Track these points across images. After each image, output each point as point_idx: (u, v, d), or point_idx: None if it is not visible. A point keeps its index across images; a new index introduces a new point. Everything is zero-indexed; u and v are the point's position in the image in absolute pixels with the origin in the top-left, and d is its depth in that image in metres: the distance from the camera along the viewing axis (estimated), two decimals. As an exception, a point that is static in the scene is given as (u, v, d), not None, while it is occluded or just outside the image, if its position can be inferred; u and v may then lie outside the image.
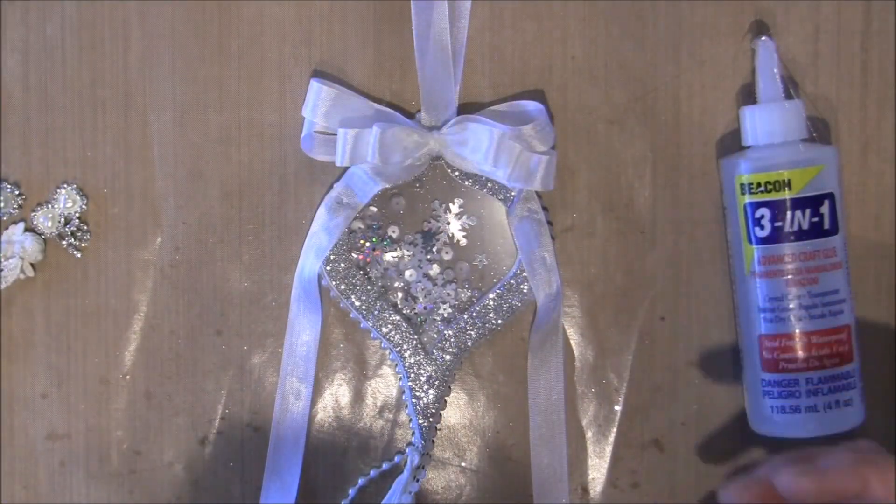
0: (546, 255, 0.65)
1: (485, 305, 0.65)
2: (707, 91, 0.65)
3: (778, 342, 0.61)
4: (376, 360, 0.67)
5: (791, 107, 0.61)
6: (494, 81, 0.65)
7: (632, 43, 0.65)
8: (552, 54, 0.65)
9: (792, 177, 0.60)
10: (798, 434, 0.62)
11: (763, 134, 0.62)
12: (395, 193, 0.65)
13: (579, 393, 0.66)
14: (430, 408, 0.65)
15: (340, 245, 0.65)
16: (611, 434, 0.66)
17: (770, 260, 0.61)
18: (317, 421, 0.67)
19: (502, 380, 0.66)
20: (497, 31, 0.65)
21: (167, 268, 0.66)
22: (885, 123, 0.65)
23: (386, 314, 0.65)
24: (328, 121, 0.64)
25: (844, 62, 0.65)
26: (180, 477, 0.67)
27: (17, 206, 0.66)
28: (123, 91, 0.66)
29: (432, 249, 0.66)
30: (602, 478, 0.66)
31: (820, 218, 0.61)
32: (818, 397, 0.61)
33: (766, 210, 0.61)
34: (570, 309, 0.66)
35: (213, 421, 0.67)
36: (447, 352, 0.65)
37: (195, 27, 0.66)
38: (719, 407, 0.66)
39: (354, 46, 0.66)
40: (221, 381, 0.67)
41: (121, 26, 0.66)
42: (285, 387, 0.66)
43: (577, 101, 0.65)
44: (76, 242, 0.66)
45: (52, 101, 0.66)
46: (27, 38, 0.66)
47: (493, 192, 0.65)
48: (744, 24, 0.64)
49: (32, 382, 0.67)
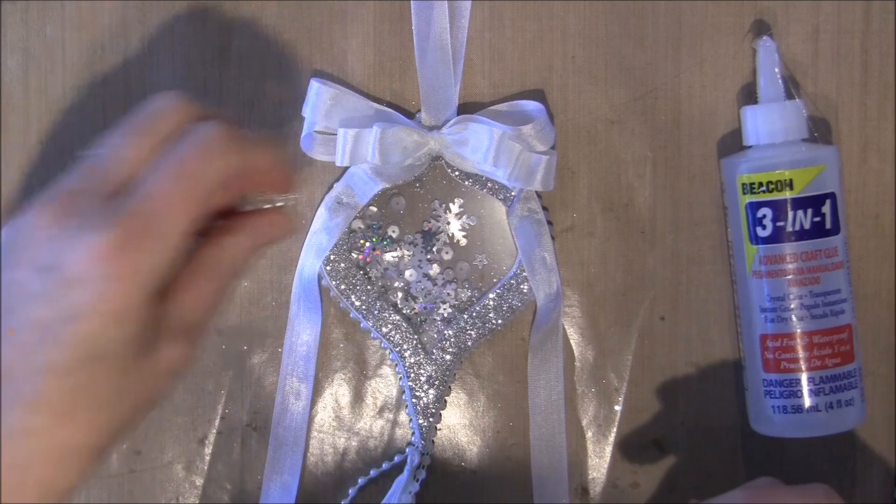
0: (546, 255, 0.65)
1: (485, 305, 0.65)
2: (707, 91, 0.65)
3: (780, 342, 0.61)
4: (376, 360, 0.67)
5: (792, 106, 0.62)
6: (494, 81, 0.65)
7: (632, 43, 0.65)
8: (552, 54, 0.65)
9: (793, 176, 0.60)
10: (799, 434, 0.62)
11: (764, 134, 0.62)
12: (395, 193, 0.65)
13: (579, 393, 0.66)
14: (430, 408, 0.65)
15: (340, 245, 0.65)
16: (611, 434, 0.66)
17: (772, 260, 0.61)
18: (317, 421, 0.67)
19: (502, 380, 0.66)
20: (497, 31, 0.65)
21: (167, 268, 0.66)
22: (885, 123, 0.65)
23: (386, 314, 0.65)
24: (328, 121, 0.64)
25: (844, 62, 0.65)
26: (180, 477, 0.67)
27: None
28: (123, 91, 0.66)
29: (432, 249, 0.66)
30: (602, 478, 0.66)
31: (821, 218, 0.61)
32: (820, 397, 0.61)
33: (767, 210, 0.61)
34: (570, 309, 0.66)
35: (213, 421, 0.67)
36: (447, 352, 0.65)
37: (195, 27, 0.66)
38: (719, 407, 0.66)
39: (354, 46, 0.66)
40: (221, 381, 0.67)
41: (121, 26, 0.66)
42: (285, 387, 0.66)
43: (577, 101, 0.65)
44: (76, 242, 0.66)
45: (52, 101, 0.66)
46: (27, 38, 0.66)
47: (493, 192, 0.65)
48: (744, 24, 0.65)
49: (32, 382, 0.67)
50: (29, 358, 0.45)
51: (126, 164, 0.47)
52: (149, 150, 0.48)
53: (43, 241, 0.45)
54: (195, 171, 0.47)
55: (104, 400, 0.46)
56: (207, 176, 0.48)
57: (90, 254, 0.44)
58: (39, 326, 0.45)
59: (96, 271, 0.44)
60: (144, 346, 0.47)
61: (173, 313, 0.48)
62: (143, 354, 0.47)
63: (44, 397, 0.45)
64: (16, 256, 0.46)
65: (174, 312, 0.48)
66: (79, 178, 0.47)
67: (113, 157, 0.48)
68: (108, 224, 0.45)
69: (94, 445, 0.47)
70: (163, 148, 0.48)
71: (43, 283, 0.45)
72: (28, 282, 0.45)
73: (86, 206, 0.46)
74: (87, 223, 0.45)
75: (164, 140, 0.48)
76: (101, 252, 0.44)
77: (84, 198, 0.46)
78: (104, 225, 0.45)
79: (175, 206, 0.46)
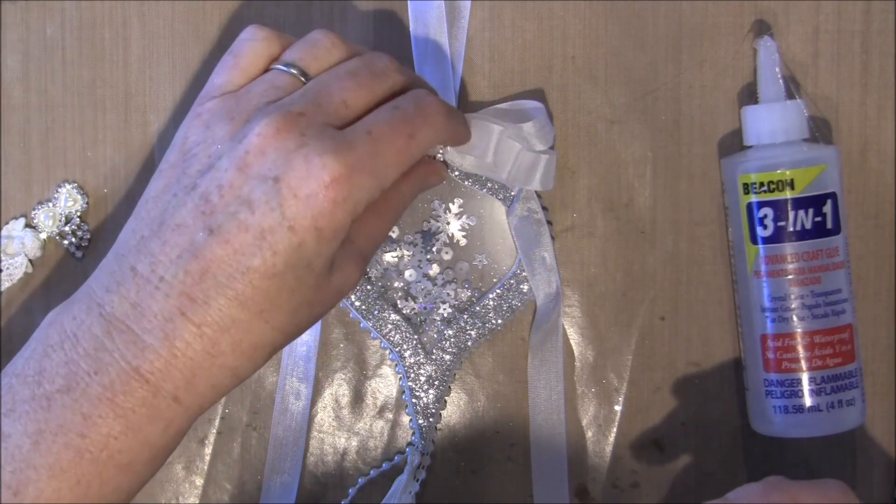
0: (546, 255, 0.65)
1: (485, 305, 0.65)
2: (707, 91, 0.65)
3: (781, 342, 0.61)
4: (376, 360, 0.67)
5: (793, 106, 0.62)
6: (494, 81, 0.65)
7: (632, 43, 0.65)
8: (552, 54, 0.65)
9: (795, 176, 0.60)
10: (800, 434, 0.62)
11: (765, 133, 0.62)
12: (395, 193, 0.65)
13: (579, 393, 0.66)
14: (430, 408, 0.65)
15: (340, 245, 0.65)
16: (611, 434, 0.66)
17: (773, 260, 0.61)
18: (317, 421, 0.67)
19: (502, 380, 0.66)
20: (497, 31, 0.65)
21: (167, 268, 0.66)
22: (885, 123, 0.65)
23: (386, 314, 0.65)
24: (328, 121, 0.64)
25: (844, 62, 0.65)
26: (180, 477, 0.67)
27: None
28: (123, 91, 0.66)
29: (432, 249, 0.66)
30: (602, 478, 0.66)
31: (822, 217, 0.61)
32: (821, 397, 0.61)
33: (769, 210, 0.61)
34: (570, 309, 0.66)
35: (213, 421, 0.67)
36: (447, 352, 0.65)
37: (195, 27, 0.66)
38: (719, 407, 0.66)
39: (354, 46, 0.66)
40: (221, 382, 0.67)
41: (121, 26, 0.66)
42: (285, 387, 0.66)
43: (577, 101, 0.65)
44: (77, 241, 0.66)
45: (52, 101, 0.66)
46: (27, 38, 0.66)
47: (493, 192, 0.65)
48: (744, 24, 0.65)
49: (32, 383, 0.67)
50: (240, 258, 0.49)
51: (348, 107, 0.53)
52: (370, 101, 0.54)
53: (268, 152, 0.50)
54: (418, 133, 0.53)
55: (295, 306, 0.51)
56: (428, 139, 0.54)
57: (320, 175, 0.49)
58: (256, 231, 0.49)
59: (322, 192, 0.49)
60: (331, 265, 0.52)
61: (355, 241, 0.54)
62: (329, 272, 0.52)
63: (250, 295, 0.50)
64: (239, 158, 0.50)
65: (356, 240, 0.54)
66: (301, 103, 0.52)
67: (336, 95, 0.53)
68: (339, 151, 0.50)
69: (275, 345, 0.52)
70: (384, 101, 0.54)
71: (265, 191, 0.49)
72: (249, 189, 0.50)
73: (312, 130, 0.50)
74: (318, 146, 0.50)
75: (385, 95, 0.55)
76: (330, 175, 0.49)
77: (307, 122, 0.51)
78: (335, 151, 0.50)
79: (397, 157, 0.52)
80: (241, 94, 0.54)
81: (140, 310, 0.50)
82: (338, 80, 0.53)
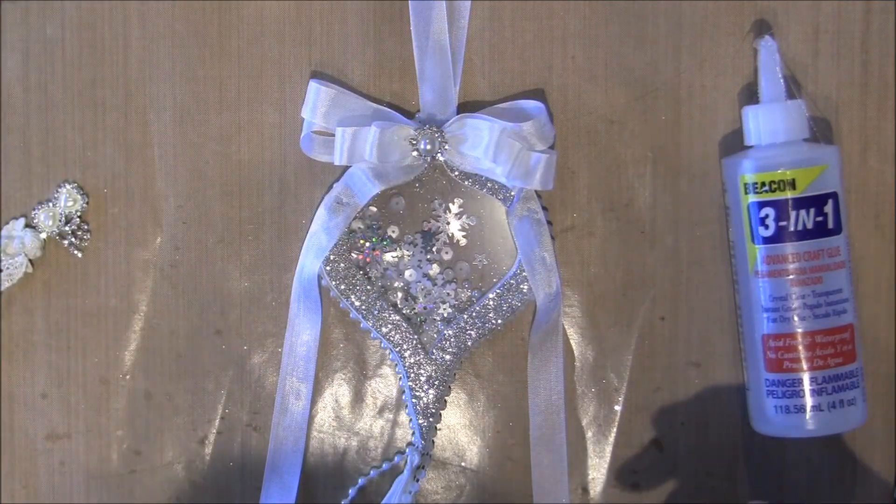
0: (546, 255, 0.65)
1: (485, 305, 0.65)
2: (707, 91, 0.65)
3: (782, 342, 0.61)
4: (376, 360, 0.67)
5: (793, 106, 0.62)
6: (494, 81, 0.65)
7: (632, 43, 0.65)
8: (552, 54, 0.65)
9: (796, 176, 0.60)
10: (801, 434, 0.62)
11: (766, 133, 0.62)
12: (395, 193, 0.65)
13: (579, 393, 0.66)
14: (430, 408, 0.65)
15: (340, 245, 0.65)
16: (611, 434, 0.66)
17: (774, 259, 0.61)
18: (317, 421, 0.67)
19: (502, 380, 0.66)
20: (497, 31, 0.65)
21: (167, 268, 0.66)
22: (885, 123, 0.65)
23: (386, 314, 0.65)
24: (327, 121, 0.64)
25: (844, 62, 0.65)
26: (180, 477, 0.67)
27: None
28: (123, 91, 0.66)
29: (432, 249, 0.66)
30: (602, 478, 0.66)
31: (824, 217, 0.61)
32: (822, 397, 0.61)
33: (770, 209, 0.61)
34: (570, 309, 0.66)
35: (213, 421, 0.67)
36: (447, 352, 0.65)
37: (195, 27, 0.66)
38: (719, 407, 0.66)
39: (354, 46, 0.66)
40: (221, 381, 0.67)
41: (121, 26, 0.66)
42: (285, 387, 0.66)
43: (577, 101, 0.65)
44: (77, 241, 0.66)
45: (52, 101, 0.66)
46: (27, 38, 0.66)
47: (493, 191, 0.65)
48: (744, 23, 0.65)
49: (32, 382, 0.67)
50: None
51: None
52: None
53: None
54: None
55: None
56: None
57: None
58: None
59: None
60: None
61: None
62: None
63: None
64: None
65: None
66: None
67: None
68: None
69: None
70: None
71: None
72: None
73: None
74: None
75: None
76: None
77: None
78: None
79: None
80: None
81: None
82: None
